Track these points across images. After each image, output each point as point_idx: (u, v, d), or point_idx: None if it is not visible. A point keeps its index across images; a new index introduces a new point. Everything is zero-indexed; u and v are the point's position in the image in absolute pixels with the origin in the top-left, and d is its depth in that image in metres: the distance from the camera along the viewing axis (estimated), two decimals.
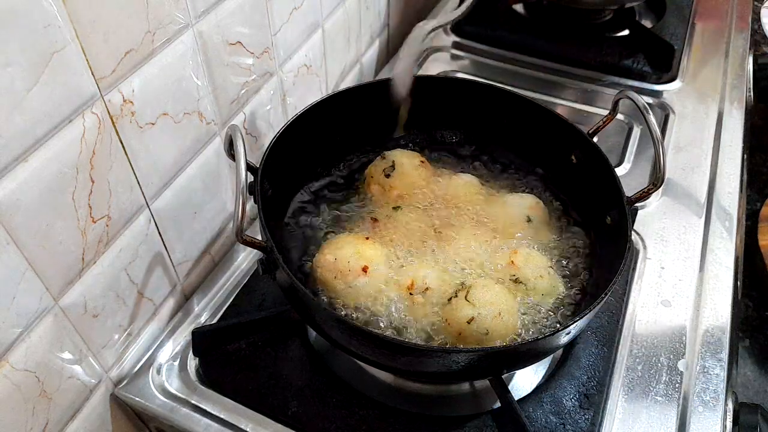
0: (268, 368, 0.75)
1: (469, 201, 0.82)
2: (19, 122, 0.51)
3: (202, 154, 0.78)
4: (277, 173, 0.73)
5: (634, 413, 0.72)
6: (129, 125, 0.64)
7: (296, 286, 0.60)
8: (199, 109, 0.74)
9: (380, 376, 0.76)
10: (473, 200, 0.82)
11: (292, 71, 0.93)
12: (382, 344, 0.60)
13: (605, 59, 1.21)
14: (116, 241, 0.67)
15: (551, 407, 0.71)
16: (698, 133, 1.09)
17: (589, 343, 0.77)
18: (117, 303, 0.70)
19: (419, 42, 0.86)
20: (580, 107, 1.15)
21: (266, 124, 0.91)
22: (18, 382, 0.59)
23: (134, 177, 0.67)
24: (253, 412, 0.72)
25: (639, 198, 0.70)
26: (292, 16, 0.88)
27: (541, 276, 0.72)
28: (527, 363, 0.68)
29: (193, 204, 0.79)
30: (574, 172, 0.82)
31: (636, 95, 0.72)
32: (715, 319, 0.81)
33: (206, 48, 0.72)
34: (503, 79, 1.20)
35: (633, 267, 0.88)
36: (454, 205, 0.82)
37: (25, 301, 0.57)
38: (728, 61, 1.26)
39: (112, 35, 0.58)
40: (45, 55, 0.52)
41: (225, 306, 0.83)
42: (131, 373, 0.76)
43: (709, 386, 0.75)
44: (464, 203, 0.82)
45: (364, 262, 0.71)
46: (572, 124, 0.80)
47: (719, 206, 0.96)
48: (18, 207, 0.54)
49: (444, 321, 0.68)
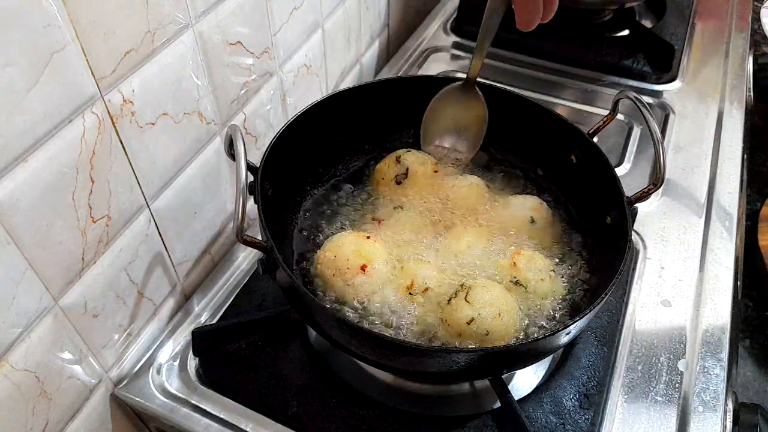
0: (268, 368, 0.75)
1: (472, 202, 0.82)
2: (19, 122, 0.51)
3: (202, 154, 0.78)
4: (278, 173, 0.73)
5: (634, 413, 0.72)
6: (129, 125, 0.64)
7: (296, 286, 0.60)
8: (199, 109, 0.74)
9: (380, 376, 0.76)
10: (477, 201, 0.82)
11: (292, 71, 0.93)
12: (382, 344, 0.60)
13: (605, 59, 1.21)
14: (116, 241, 0.67)
15: (551, 407, 0.71)
16: (698, 133, 1.09)
17: (589, 343, 0.77)
18: (117, 303, 0.70)
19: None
20: (580, 107, 1.15)
21: (266, 124, 0.91)
22: (18, 382, 0.59)
23: (134, 177, 0.67)
24: (253, 412, 0.72)
25: (639, 198, 0.70)
26: (292, 16, 0.88)
27: (543, 279, 0.72)
28: (527, 363, 0.68)
29: (193, 204, 0.79)
30: (574, 172, 0.82)
31: (636, 95, 0.72)
32: (715, 319, 0.81)
33: (206, 48, 0.72)
34: (503, 79, 1.20)
35: (633, 267, 0.88)
36: (457, 206, 0.82)
37: (25, 301, 0.57)
38: (728, 61, 1.26)
39: (112, 35, 0.58)
40: (45, 55, 0.52)
41: (225, 306, 0.83)
42: (131, 373, 0.76)
43: (709, 386, 0.75)
44: (467, 204, 0.82)
45: (363, 261, 0.71)
46: (572, 124, 0.80)
47: (719, 206, 0.96)
48: (18, 207, 0.54)
49: (444, 321, 0.68)
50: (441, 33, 1.33)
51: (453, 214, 0.81)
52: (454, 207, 0.82)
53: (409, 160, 0.84)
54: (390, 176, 0.83)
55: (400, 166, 0.83)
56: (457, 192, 0.82)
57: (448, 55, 1.28)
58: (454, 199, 0.82)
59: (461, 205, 0.82)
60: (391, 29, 1.29)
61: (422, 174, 0.83)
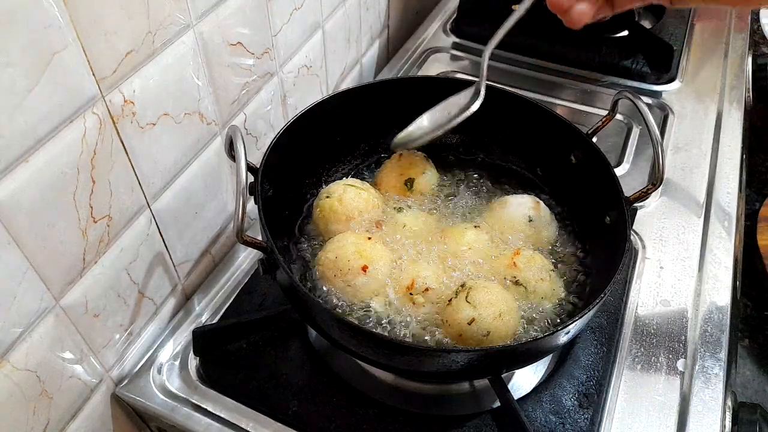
0: (269, 368, 0.75)
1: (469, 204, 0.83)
2: (20, 122, 0.52)
3: (202, 155, 0.78)
4: (278, 173, 0.74)
5: (633, 413, 0.72)
6: (130, 125, 0.64)
7: (296, 286, 0.61)
8: (199, 109, 0.74)
9: (380, 376, 0.76)
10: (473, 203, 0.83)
11: (293, 72, 0.93)
12: (382, 344, 0.60)
13: (605, 60, 1.21)
14: (117, 241, 0.68)
15: (551, 407, 0.71)
16: (697, 134, 1.09)
17: (589, 343, 0.77)
18: (118, 303, 0.71)
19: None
20: (579, 107, 1.15)
21: (266, 125, 0.91)
22: (19, 381, 0.59)
23: (135, 177, 0.67)
24: (254, 412, 0.72)
25: (638, 198, 0.70)
26: (292, 17, 0.88)
27: (542, 279, 0.72)
28: (527, 362, 0.69)
29: (194, 204, 0.80)
30: (574, 172, 0.82)
31: (635, 95, 0.72)
32: (714, 319, 0.82)
33: (207, 49, 0.72)
34: (503, 79, 1.20)
35: (632, 267, 0.88)
36: (456, 206, 0.82)
37: (26, 301, 0.58)
38: (727, 62, 1.26)
39: (113, 36, 0.58)
40: (46, 56, 0.52)
41: (225, 306, 0.83)
42: (132, 372, 0.76)
43: (708, 386, 0.75)
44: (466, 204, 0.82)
45: (364, 262, 0.71)
46: (572, 124, 0.80)
47: (718, 206, 0.96)
48: (19, 207, 0.54)
49: (444, 322, 0.68)
50: (441, 33, 1.33)
51: (453, 214, 0.82)
52: (452, 207, 0.82)
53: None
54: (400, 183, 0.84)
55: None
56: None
57: (448, 55, 1.28)
58: (453, 199, 0.83)
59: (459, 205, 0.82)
60: (391, 30, 1.30)
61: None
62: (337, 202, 0.78)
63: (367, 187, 0.81)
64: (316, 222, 0.80)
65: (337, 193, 0.79)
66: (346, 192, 0.79)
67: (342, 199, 0.78)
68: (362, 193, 0.79)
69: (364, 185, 0.82)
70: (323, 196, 0.80)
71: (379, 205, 0.81)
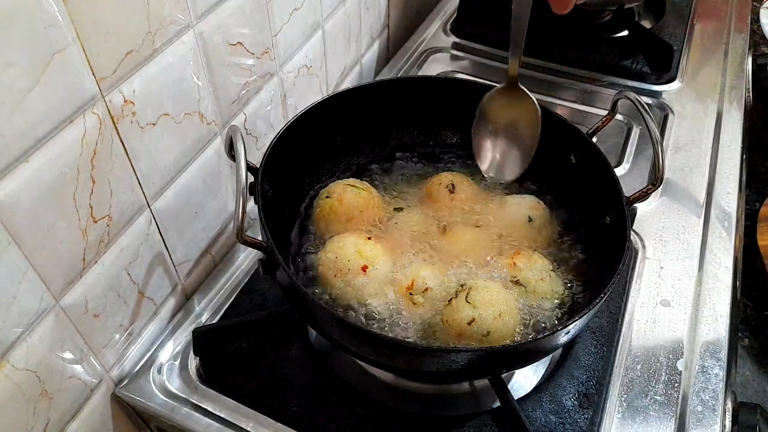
0: (269, 368, 0.75)
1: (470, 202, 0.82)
2: (20, 122, 0.52)
3: (202, 155, 0.78)
4: (278, 173, 0.74)
5: (633, 413, 0.72)
6: (130, 125, 0.64)
7: (296, 286, 0.61)
8: (199, 109, 0.74)
9: (380, 376, 0.76)
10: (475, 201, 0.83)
11: (293, 72, 0.93)
12: (382, 344, 0.60)
13: (605, 59, 1.21)
14: (117, 241, 0.68)
15: (551, 407, 0.71)
16: (697, 134, 1.09)
17: (589, 343, 0.78)
18: (118, 303, 0.71)
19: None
20: (579, 107, 1.15)
21: (266, 125, 0.91)
22: (19, 381, 0.59)
23: (135, 177, 0.67)
24: (254, 412, 0.72)
25: (638, 198, 0.70)
26: (292, 17, 0.88)
27: (542, 278, 0.72)
28: (527, 362, 0.69)
29: (194, 204, 0.80)
30: (573, 172, 0.82)
31: (635, 95, 0.72)
32: (714, 319, 0.82)
33: (207, 48, 0.72)
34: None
35: (632, 267, 0.88)
36: (456, 206, 0.82)
37: (26, 301, 0.58)
38: (727, 62, 1.26)
39: (113, 36, 0.58)
40: (46, 56, 0.52)
41: (226, 306, 0.83)
42: (132, 372, 0.76)
43: (708, 386, 0.75)
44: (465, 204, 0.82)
45: (364, 262, 0.71)
46: (571, 124, 0.80)
47: (718, 206, 0.97)
48: (19, 207, 0.54)
49: (444, 322, 0.68)
50: (441, 33, 1.33)
51: (452, 214, 0.82)
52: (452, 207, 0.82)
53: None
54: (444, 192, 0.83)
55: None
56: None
57: (448, 55, 1.28)
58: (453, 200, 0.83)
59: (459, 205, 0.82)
60: (391, 30, 1.30)
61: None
62: (337, 202, 0.78)
63: (367, 187, 0.81)
64: (316, 222, 0.80)
65: (337, 193, 0.79)
66: (346, 192, 0.79)
67: (342, 199, 0.78)
68: (362, 193, 0.79)
69: (364, 185, 0.82)
70: (323, 196, 0.80)
71: (379, 205, 0.81)
